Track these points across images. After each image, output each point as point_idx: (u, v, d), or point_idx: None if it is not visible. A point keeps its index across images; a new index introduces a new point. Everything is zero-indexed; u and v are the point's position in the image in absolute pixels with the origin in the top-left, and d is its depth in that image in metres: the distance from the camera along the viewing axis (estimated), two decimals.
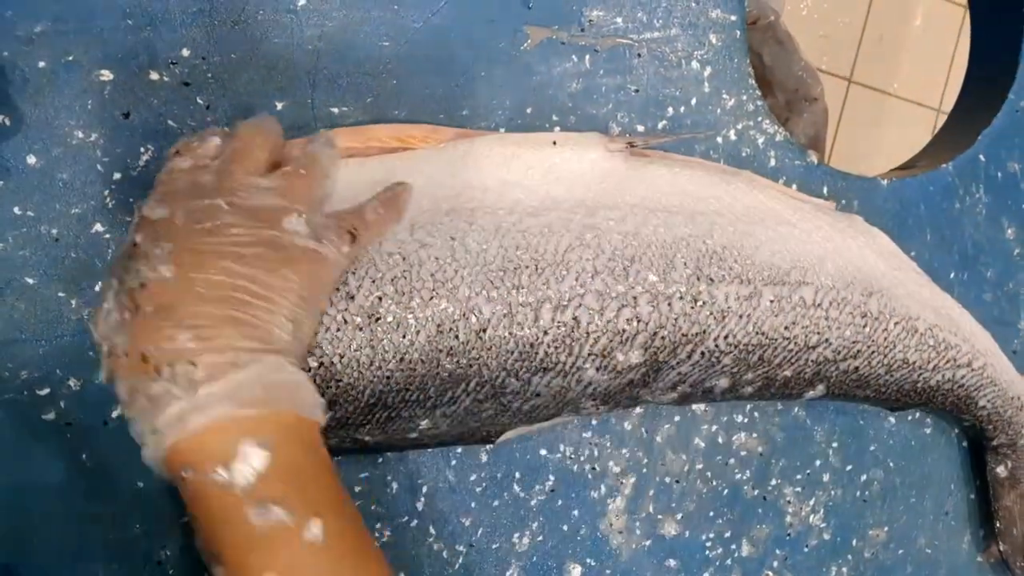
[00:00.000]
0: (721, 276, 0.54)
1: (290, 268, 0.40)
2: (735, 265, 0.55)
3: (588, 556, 0.62)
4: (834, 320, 0.58)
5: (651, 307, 0.53)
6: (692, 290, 0.54)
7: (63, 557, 0.50)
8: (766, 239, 0.57)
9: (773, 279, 0.56)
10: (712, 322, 0.54)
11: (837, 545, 0.70)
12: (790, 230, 0.58)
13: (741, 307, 0.55)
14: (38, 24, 0.46)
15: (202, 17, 0.49)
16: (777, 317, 0.56)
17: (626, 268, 0.52)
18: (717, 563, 0.66)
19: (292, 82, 0.51)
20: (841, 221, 0.62)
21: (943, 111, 1.99)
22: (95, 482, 0.50)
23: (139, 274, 0.39)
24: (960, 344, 0.64)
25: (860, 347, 0.60)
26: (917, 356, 0.62)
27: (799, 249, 0.58)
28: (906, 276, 0.63)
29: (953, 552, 0.75)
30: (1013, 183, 0.72)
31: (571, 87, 0.57)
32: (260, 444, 0.37)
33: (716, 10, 0.60)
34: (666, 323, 0.53)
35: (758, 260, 0.56)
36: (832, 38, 1.88)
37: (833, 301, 0.58)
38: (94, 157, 0.48)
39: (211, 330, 0.38)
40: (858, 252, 0.61)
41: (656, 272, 0.53)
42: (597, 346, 0.52)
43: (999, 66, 0.72)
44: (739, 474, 0.65)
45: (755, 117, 0.62)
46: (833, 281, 0.58)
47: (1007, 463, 0.71)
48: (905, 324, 0.61)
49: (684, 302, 0.53)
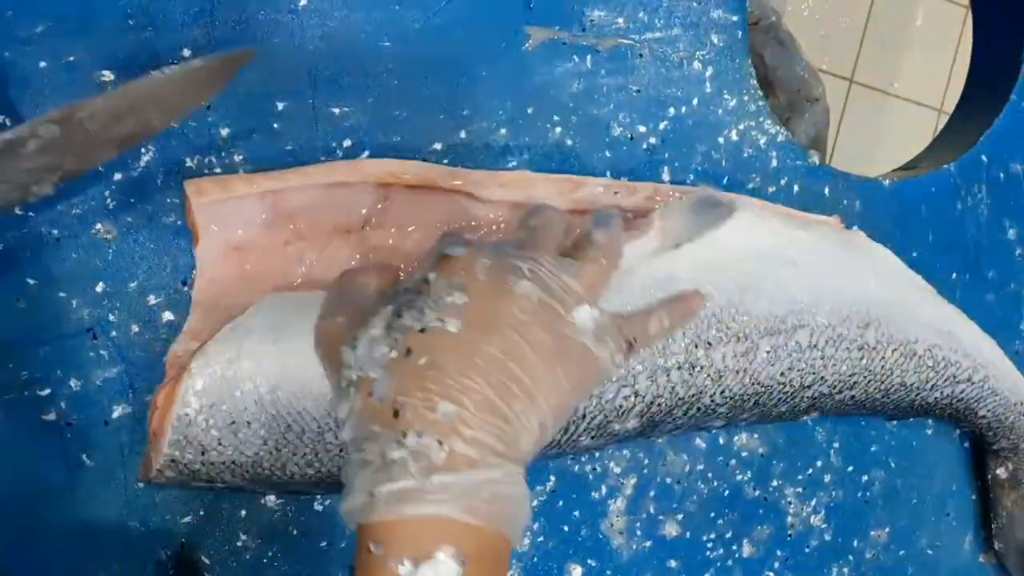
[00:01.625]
0: (719, 338, 0.54)
1: (563, 368, 0.37)
2: (733, 324, 0.54)
3: (589, 557, 0.62)
4: (830, 358, 0.58)
5: (649, 381, 0.53)
6: (690, 358, 0.53)
7: (63, 557, 0.50)
8: (766, 288, 0.56)
9: (770, 330, 0.55)
10: (709, 383, 0.54)
11: (838, 546, 0.70)
12: (790, 272, 0.57)
13: (738, 363, 0.55)
14: (39, 24, 0.46)
15: (203, 17, 0.49)
16: (773, 366, 0.56)
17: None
18: (718, 564, 0.66)
19: (293, 82, 0.51)
20: (844, 242, 0.61)
21: (945, 111, 1.99)
22: (95, 482, 0.50)
23: (423, 317, 0.36)
24: (960, 360, 0.63)
25: (857, 378, 0.60)
26: (915, 378, 0.62)
27: (797, 292, 0.57)
28: (907, 296, 0.62)
29: (954, 553, 0.75)
30: (1015, 184, 0.72)
31: (572, 87, 0.57)
32: (457, 558, 0.34)
33: (718, 10, 0.60)
34: (663, 392, 0.53)
35: (756, 313, 0.55)
36: (834, 38, 1.88)
37: (829, 339, 0.57)
38: None
39: (470, 414, 0.35)
40: (858, 280, 0.60)
41: (656, 347, 0.53)
42: (594, 423, 0.53)
43: (1001, 66, 0.72)
44: (740, 475, 0.65)
45: (757, 117, 0.62)
46: (829, 319, 0.57)
47: (1008, 465, 0.71)
48: (903, 349, 0.61)
49: (682, 371, 0.53)
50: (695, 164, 0.61)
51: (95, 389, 0.49)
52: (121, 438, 0.50)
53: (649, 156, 0.59)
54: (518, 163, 0.56)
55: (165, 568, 0.52)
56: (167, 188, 0.50)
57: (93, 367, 0.49)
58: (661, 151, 0.60)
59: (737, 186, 0.62)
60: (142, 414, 0.50)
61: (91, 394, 0.49)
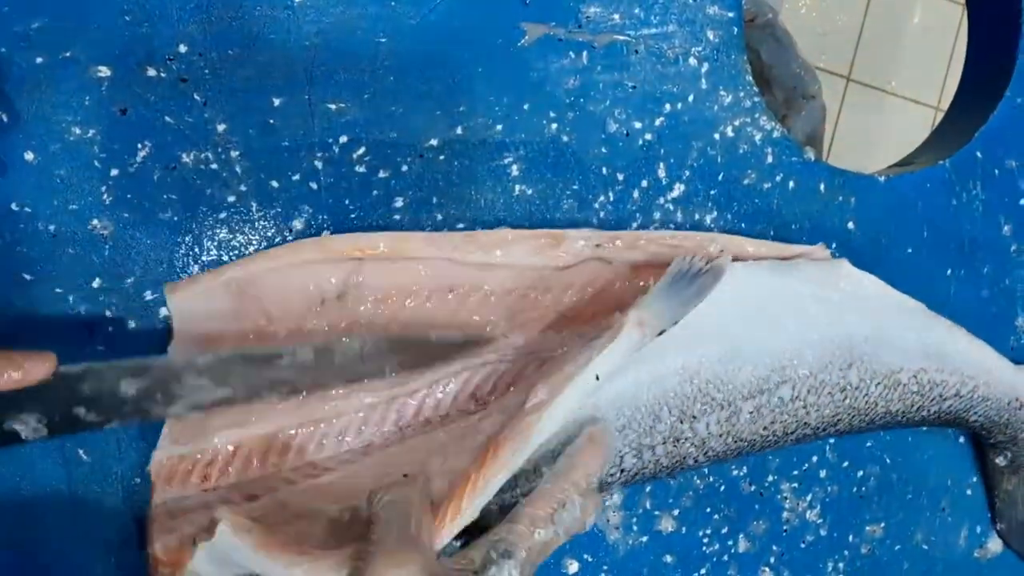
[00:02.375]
0: (704, 411, 0.54)
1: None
2: (717, 395, 0.54)
3: (585, 552, 0.62)
4: (813, 405, 0.58)
5: (635, 459, 0.53)
6: (675, 433, 0.54)
7: (63, 557, 0.50)
8: (750, 353, 0.55)
9: (753, 392, 0.55)
10: (692, 449, 0.55)
11: (834, 541, 0.70)
12: (774, 331, 0.56)
13: (721, 428, 0.55)
14: (35, 20, 0.46)
15: (199, 13, 0.49)
16: (756, 423, 0.56)
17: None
18: (714, 559, 0.66)
19: (289, 78, 0.51)
20: (828, 277, 0.60)
21: (941, 109, 1.99)
22: (95, 482, 0.50)
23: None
24: (947, 379, 0.63)
25: (840, 416, 0.59)
26: (900, 405, 0.62)
27: (780, 349, 0.56)
28: (891, 325, 0.61)
29: (950, 548, 0.75)
30: (1010, 180, 0.72)
31: (568, 83, 0.57)
32: None
33: (714, 6, 0.60)
34: (647, 465, 0.54)
35: (739, 381, 0.55)
36: (830, 35, 1.88)
37: (811, 388, 0.57)
38: (91, 153, 0.48)
39: None
40: (839, 320, 0.59)
41: (643, 429, 0.53)
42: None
43: (997, 63, 0.72)
44: (736, 470, 0.66)
45: (753, 114, 0.62)
46: (811, 368, 0.57)
47: (1007, 454, 0.72)
48: (887, 381, 0.60)
49: (666, 445, 0.54)
50: (691, 160, 0.61)
51: None
52: (119, 435, 0.50)
53: (645, 152, 0.59)
54: (514, 159, 0.56)
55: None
56: (163, 184, 0.50)
57: None
58: (657, 147, 0.60)
59: (732, 182, 0.62)
60: None
61: None
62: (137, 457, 0.51)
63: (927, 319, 0.64)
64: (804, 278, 0.59)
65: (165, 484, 0.49)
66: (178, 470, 0.50)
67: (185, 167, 0.50)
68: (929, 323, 0.63)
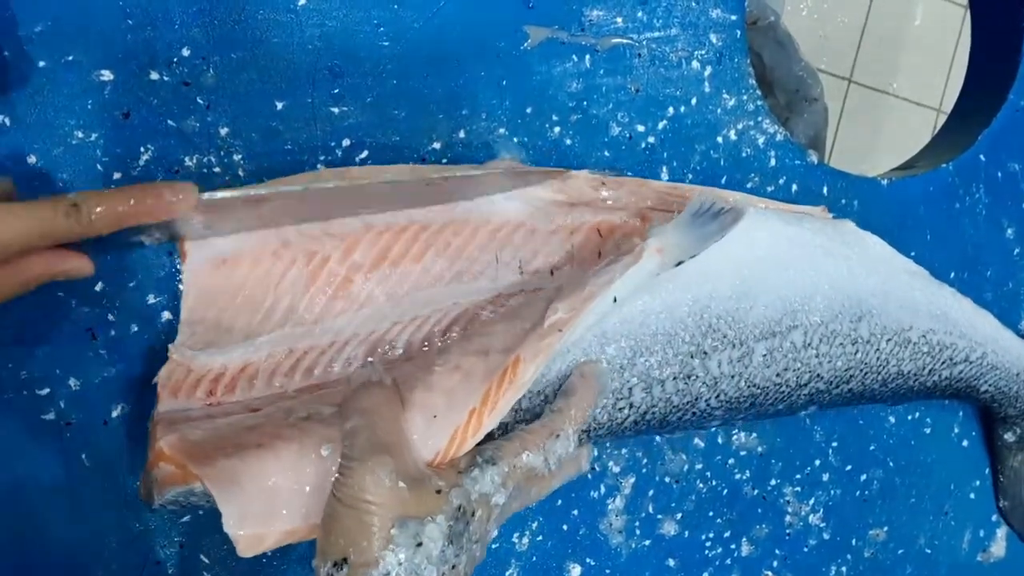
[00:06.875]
0: (715, 347, 0.54)
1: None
2: (729, 332, 0.54)
3: (588, 556, 0.62)
4: (825, 355, 0.58)
5: (644, 393, 0.53)
6: (686, 368, 0.53)
7: (63, 557, 0.50)
8: (761, 293, 0.56)
9: (765, 333, 0.55)
10: (704, 390, 0.54)
11: (836, 545, 0.70)
12: (785, 274, 0.57)
13: (734, 369, 0.55)
14: (38, 24, 0.46)
15: (202, 17, 0.49)
16: (769, 368, 0.56)
17: (623, 365, 0.52)
18: (716, 563, 0.66)
19: (292, 82, 0.51)
20: (834, 234, 0.61)
21: (943, 111, 1.99)
22: (95, 482, 0.50)
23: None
24: (956, 342, 0.64)
25: (853, 372, 0.60)
26: (912, 365, 0.62)
27: (791, 293, 0.57)
28: (898, 283, 0.62)
29: (952, 552, 0.75)
30: (1013, 183, 0.72)
31: (571, 87, 0.57)
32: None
33: (716, 10, 0.60)
34: (657, 403, 0.53)
35: (752, 319, 0.55)
36: (832, 38, 1.88)
37: (823, 337, 0.57)
38: (94, 157, 0.48)
39: None
40: (849, 273, 0.59)
41: (653, 359, 0.53)
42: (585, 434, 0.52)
43: (999, 66, 0.72)
44: (739, 474, 0.65)
45: (755, 117, 0.62)
46: (822, 316, 0.57)
47: (1016, 430, 0.72)
48: (897, 338, 0.61)
49: (677, 381, 0.53)
50: (694, 163, 0.61)
51: (94, 389, 0.49)
52: (120, 438, 0.50)
53: (648, 155, 0.59)
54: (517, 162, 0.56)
55: (165, 568, 0.52)
56: None
57: (92, 367, 0.49)
58: (660, 151, 0.60)
59: (735, 185, 0.62)
60: (141, 414, 0.50)
61: (90, 394, 0.49)
62: (137, 457, 0.51)
63: (932, 283, 0.64)
64: (813, 230, 0.60)
65: (171, 396, 0.49)
66: (184, 383, 0.49)
67: (188, 170, 0.50)
68: (935, 287, 0.64)
